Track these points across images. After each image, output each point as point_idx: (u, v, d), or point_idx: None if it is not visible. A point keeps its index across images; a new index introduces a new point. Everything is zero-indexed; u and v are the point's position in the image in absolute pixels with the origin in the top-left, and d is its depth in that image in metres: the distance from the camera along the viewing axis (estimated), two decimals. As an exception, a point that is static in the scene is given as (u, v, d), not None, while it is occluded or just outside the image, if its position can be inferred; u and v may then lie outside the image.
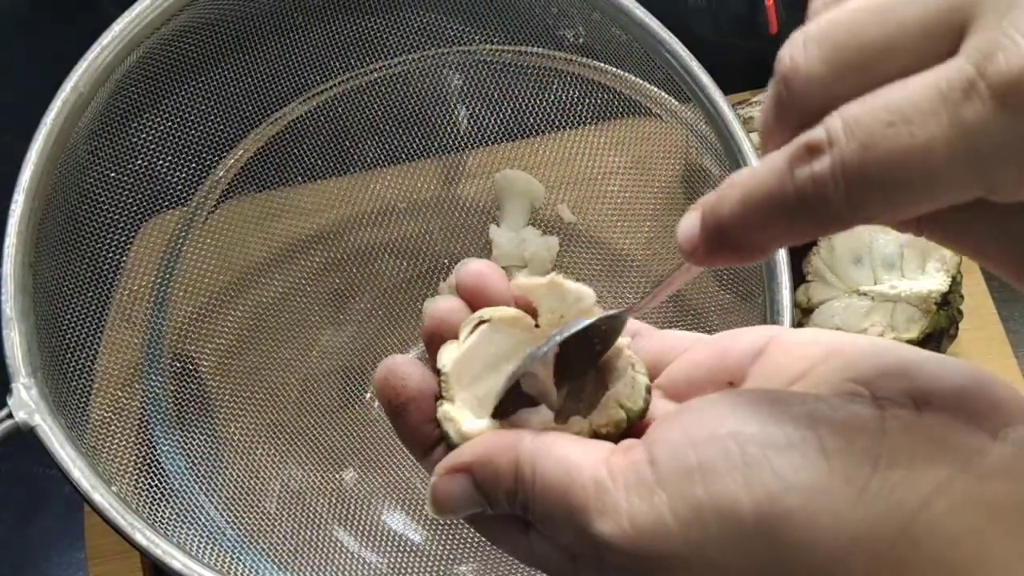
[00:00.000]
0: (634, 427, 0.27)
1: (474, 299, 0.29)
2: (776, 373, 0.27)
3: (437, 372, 0.28)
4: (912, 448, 0.23)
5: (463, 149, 0.64)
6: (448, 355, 0.28)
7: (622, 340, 0.29)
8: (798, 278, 0.61)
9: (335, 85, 0.60)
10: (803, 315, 0.61)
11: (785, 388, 0.26)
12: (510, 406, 0.28)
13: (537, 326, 0.29)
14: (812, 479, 0.23)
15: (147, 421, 0.53)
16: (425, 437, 0.29)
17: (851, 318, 0.58)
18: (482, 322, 0.28)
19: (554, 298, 0.29)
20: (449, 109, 0.63)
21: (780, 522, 0.23)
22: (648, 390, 0.28)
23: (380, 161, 0.63)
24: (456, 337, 0.29)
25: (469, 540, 0.56)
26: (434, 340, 0.29)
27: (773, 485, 0.23)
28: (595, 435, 0.27)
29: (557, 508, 0.25)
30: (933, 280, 0.58)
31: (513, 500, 0.26)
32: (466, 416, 0.28)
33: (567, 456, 0.25)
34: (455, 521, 0.57)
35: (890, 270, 0.59)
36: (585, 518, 0.25)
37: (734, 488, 0.23)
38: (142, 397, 0.54)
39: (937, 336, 0.58)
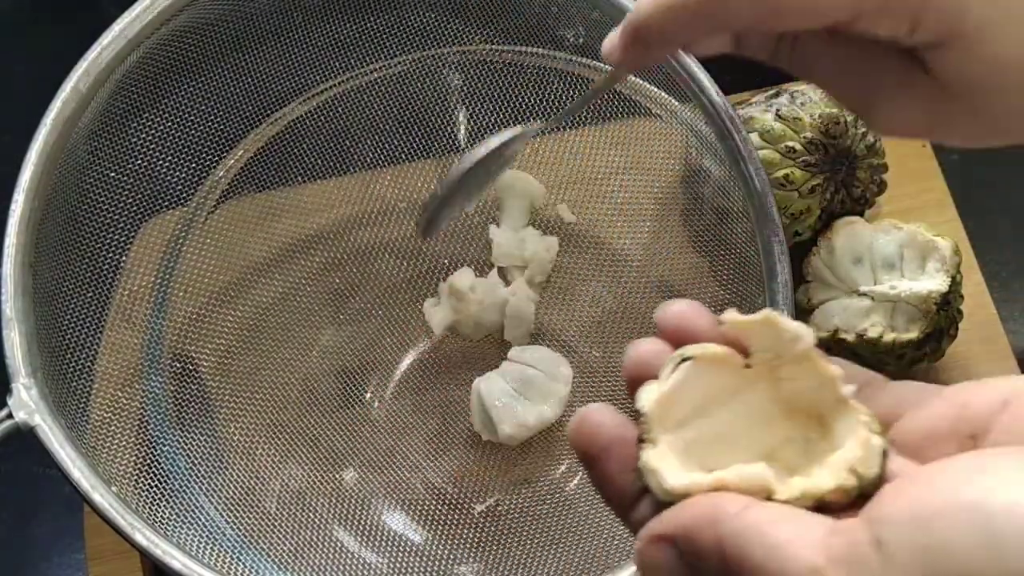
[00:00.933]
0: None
1: (677, 340, 0.27)
2: None
3: (637, 415, 0.26)
4: None
5: (463, 149, 0.64)
6: (648, 395, 0.26)
7: (847, 389, 0.26)
8: (798, 279, 0.61)
9: (335, 85, 0.61)
10: (803, 315, 0.61)
11: None
12: (721, 455, 0.25)
13: (748, 366, 0.27)
14: None
15: (147, 421, 0.53)
16: (624, 488, 0.27)
17: (851, 318, 0.58)
18: (684, 360, 0.26)
19: (768, 336, 0.26)
20: (449, 109, 0.63)
21: None
22: (885, 454, 0.25)
23: (380, 161, 0.63)
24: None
25: (469, 540, 0.57)
26: (636, 384, 0.27)
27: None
28: (817, 503, 0.24)
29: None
30: (933, 280, 0.57)
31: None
32: (670, 466, 0.25)
33: (778, 541, 0.23)
34: (455, 521, 0.57)
35: (890, 270, 0.59)
36: None
37: (982, 568, 0.20)
38: (142, 397, 0.54)
39: (937, 336, 0.58)
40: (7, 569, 0.64)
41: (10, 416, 0.43)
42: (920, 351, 0.57)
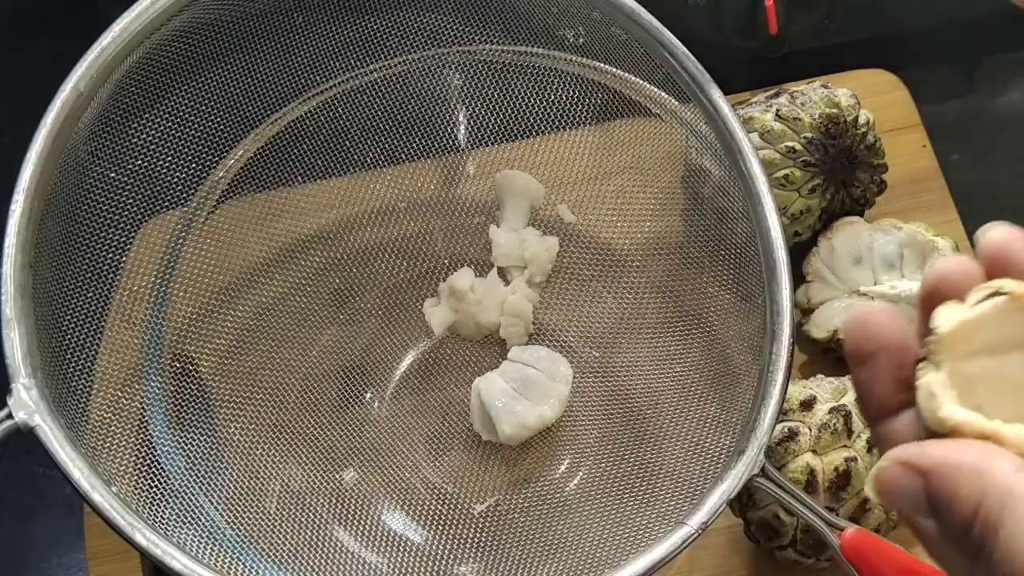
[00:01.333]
0: None
1: (992, 268, 0.25)
2: None
3: (928, 332, 0.24)
4: None
5: (463, 149, 0.64)
6: (948, 316, 0.24)
7: None
8: (798, 279, 0.61)
9: (335, 85, 0.60)
10: (803, 315, 0.61)
11: None
12: (998, 403, 0.24)
13: None
14: None
15: (147, 421, 0.53)
16: (885, 397, 0.26)
17: None
18: (999, 294, 0.24)
19: None
20: (449, 109, 0.63)
21: None
22: None
23: (380, 161, 0.63)
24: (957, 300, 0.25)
25: (469, 540, 0.57)
26: (932, 300, 0.25)
27: None
28: None
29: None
30: None
31: (967, 533, 0.23)
32: (949, 398, 0.24)
33: None
34: (455, 521, 0.57)
35: (890, 270, 0.59)
36: None
37: None
38: (142, 397, 0.54)
39: None
40: (7, 569, 0.64)
41: (10, 416, 0.43)
42: None
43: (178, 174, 0.56)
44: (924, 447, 0.24)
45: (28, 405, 0.43)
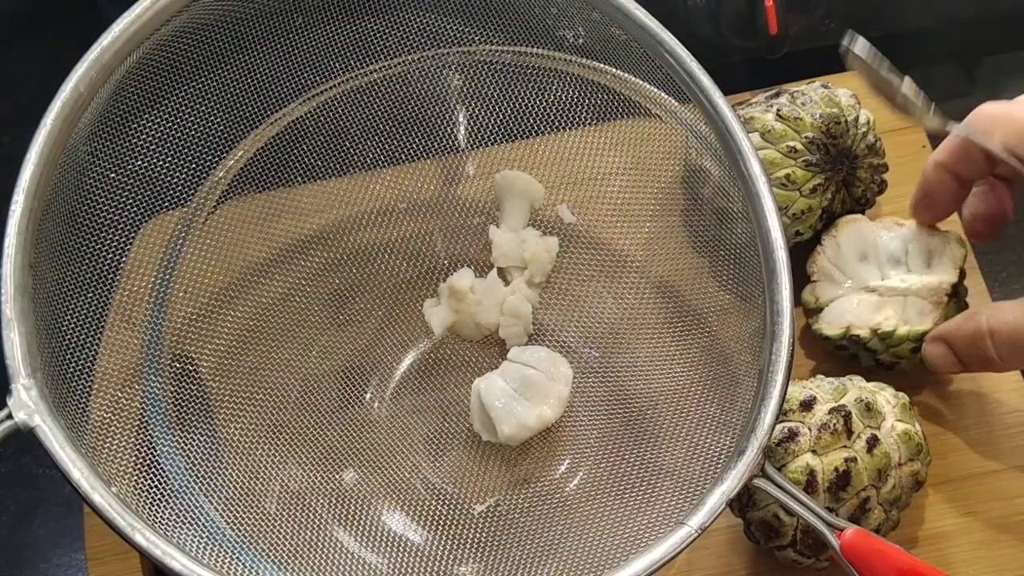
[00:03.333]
0: None
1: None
2: None
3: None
4: None
5: (463, 150, 0.64)
6: None
7: None
8: (803, 279, 0.61)
9: (335, 86, 0.60)
10: (811, 315, 0.61)
11: None
12: None
13: None
14: None
15: (147, 422, 0.53)
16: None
17: (863, 314, 0.58)
18: None
19: None
20: (449, 110, 0.63)
21: None
22: None
23: (380, 162, 0.63)
24: None
25: (469, 541, 0.57)
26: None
27: None
28: None
29: (1015, 335, 0.44)
30: (943, 272, 0.58)
31: (981, 355, 0.47)
32: None
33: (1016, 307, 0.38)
34: (455, 522, 0.57)
35: (896, 266, 0.60)
36: None
37: None
38: (142, 398, 0.54)
39: None
40: (7, 569, 0.64)
41: (10, 417, 0.43)
42: None
43: (178, 174, 0.56)
44: (947, 324, 0.48)
45: (28, 405, 0.43)
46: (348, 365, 0.62)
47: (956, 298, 0.58)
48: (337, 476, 0.58)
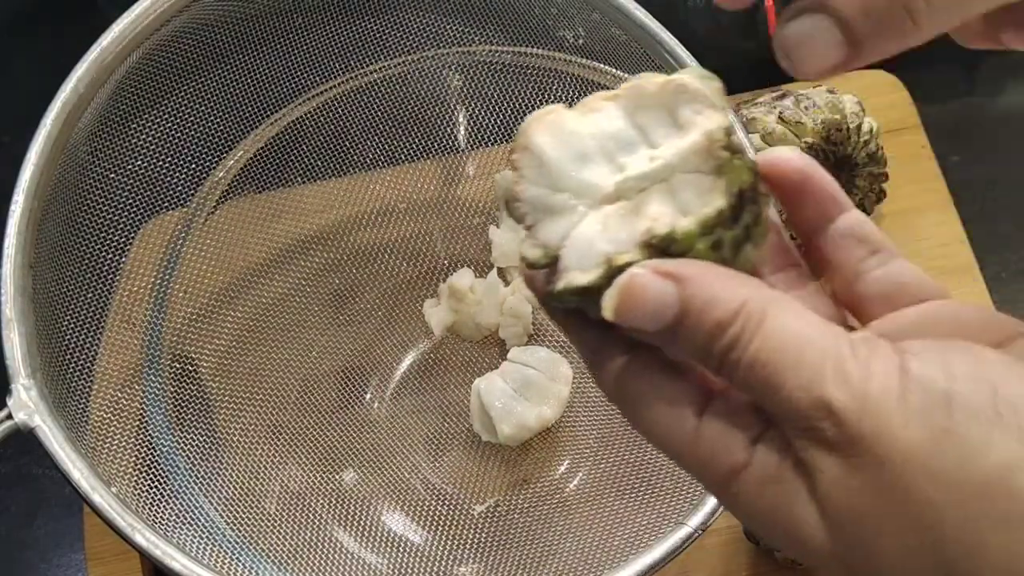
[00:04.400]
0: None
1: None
2: None
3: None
4: None
5: (463, 150, 0.64)
6: None
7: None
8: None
9: (335, 86, 0.61)
10: (549, 279, 0.31)
11: None
12: None
13: None
14: None
15: (147, 422, 0.53)
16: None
17: (619, 230, 0.32)
18: None
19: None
20: (449, 110, 0.63)
21: (1017, 494, 0.21)
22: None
23: (380, 162, 0.63)
24: None
25: (469, 541, 0.57)
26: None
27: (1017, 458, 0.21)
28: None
29: (785, 358, 0.23)
30: (704, 120, 0.34)
31: (715, 339, 0.24)
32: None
33: (806, 316, 0.24)
34: (455, 522, 0.57)
35: (632, 149, 0.36)
36: (818, 377, 0.23)
37: (985, 434, 0.22)
38: (142, 398, 0.54)
39: (751, 194, 0.32)
40: (7, 569, 0.64)
41: (10, 417, 0.43)
42: (747, 224, 0.32)
43: (178, 175, 0.56)
44: (687, 260, 0.25)
45: (28, 406, 0.43)
46: (348, 365, 0.62)
47: (737, 151, 0.38)
48: (337, 476, 0.58)
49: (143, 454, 0.52)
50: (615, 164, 0.31)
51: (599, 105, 0.32)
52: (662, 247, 0.27)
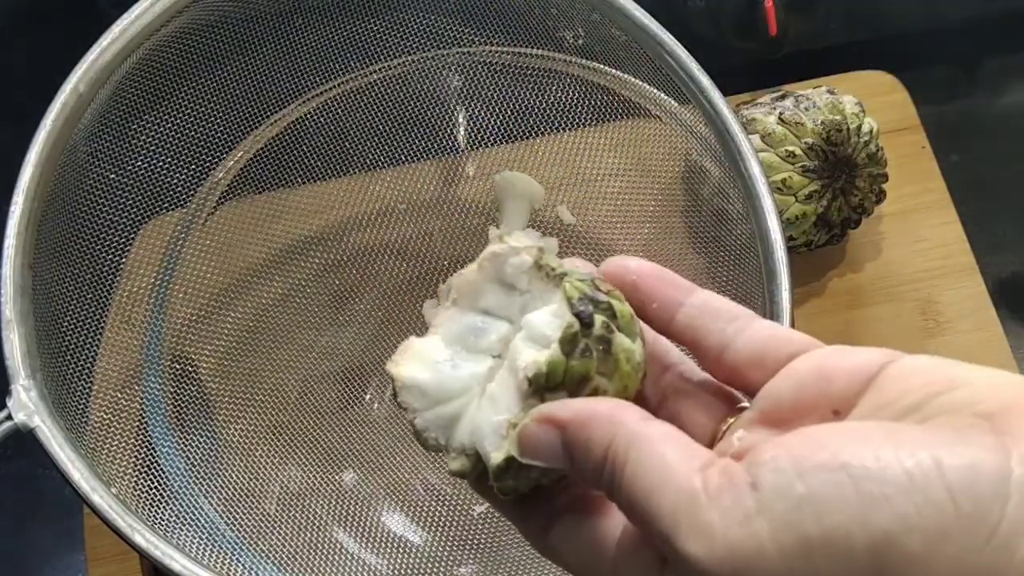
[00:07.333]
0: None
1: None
2: (891, 402, 0.25)
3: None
4: None
5: (463, 151, 0.64)
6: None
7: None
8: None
9: (335, 87, 0.60)
10: (473, 473, 0.31)
11: (901, 418, 0.25)
12: None
13: None
14: (936, 522, 0.21)
15: (147, 423, 0.53)
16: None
17: (505, 397, 0.30)
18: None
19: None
20: (449, 111, 0.63)
21: (897, 564, 0.22)
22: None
23: (380, 163, 0.63)
24: None
25: (470, 542, 0.57)
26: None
27: (893, 526, 0.22)
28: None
29: (648, 509, 0.24)
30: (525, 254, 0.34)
31: (599, 476, 0.25)
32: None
33: (666, 458, 0.24)
34: (454, 523, 0.57)
35: (487, 330, 0.34)
36: (675, 532, 0.23)
37: (848, 525, 0.22)
38: (141, 399, 0.54)
39: (593, 294, 0.30)
40: (7, 570, 0.64)
41: (9, 418, 0.43)
42: (604, 321, 0.29)
43: (178, 175, 0.56)
44: (563, 403, 0.27)
45: (28, 406, 0.43)
46: (348, 366, 0.62)
47: (557, 269, 0.32)
48: (337, 477, 0.58)
49: (143, 455, 0.52)
50: (482, 350, 0.33)
51: (439, 319, 0.36)
52: (546, 387, 0.28)
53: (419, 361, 0.34)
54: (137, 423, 0.53)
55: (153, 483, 0.51)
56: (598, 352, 0.28)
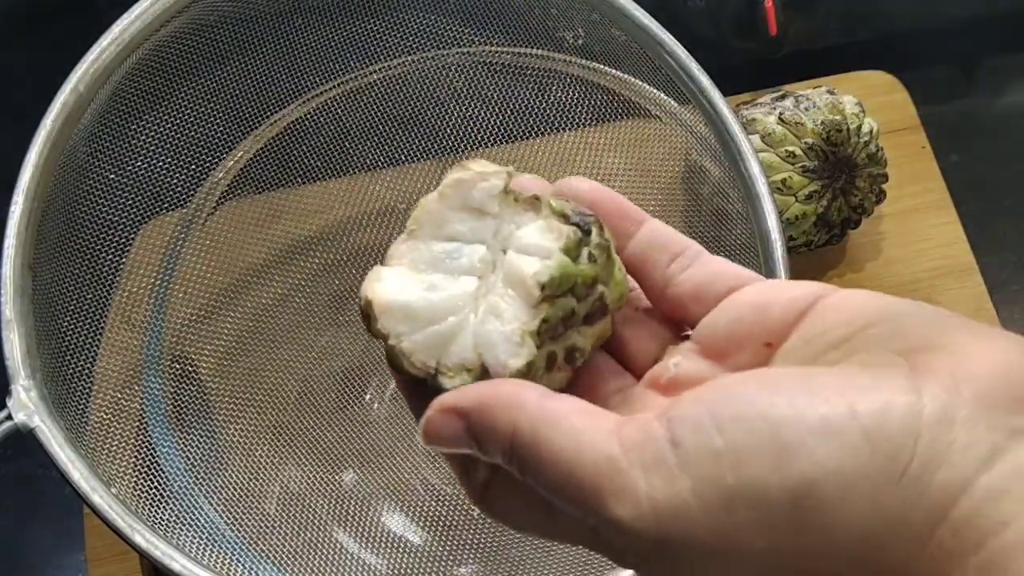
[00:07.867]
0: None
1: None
2: (818, 336, 0.25)
3: None
4: (951, 427, 0.22)
5: (463, 151, 0.64)
6: None
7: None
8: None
9: (335, 87, 0.60)
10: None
11: (825, 352, 0.25)
12: None
13: None
14: (852, 465, 0.22)
15: (147, 423, 0.53)
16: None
17: (511, 307, 0.29)
18: None
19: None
20: (449, 110, 0.63)
21: (815, 509, 0.22)
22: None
23: (380, 163, 0.63)
24: None
25: (469, 542, 0.57)
26: None
27: (810, 473, 0.22)
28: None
29: (568, 484, 0.24)
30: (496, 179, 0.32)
31: (509, 460, 0.25)
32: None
33: (575, 428, 0.24)
34: (454, 523, 0.57)
35: (460, 252, 0.32)
36: (599, 500, 0.23)
37: (766, 474, 0.22)
38: (141, 399, 0.54)
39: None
40: (7, 569, 0.64)
41: (9, 418, 0.43)
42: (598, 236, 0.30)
43: (177, 175, 0.56)
44: (464, 390, 0.26)
45: (28, 406, 0.43)
46: (348, 366, 0.62)
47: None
48: (337, 477, 0.58)
49: (143, 455, 0.52)
50: (462, 271, 0.31)
51: (399, 251, 0.33)
52: (557, 293, 0.27)
53: (396, 285, 0.31)
54: (137, 423, 0.53)
55: (153, 483, 0.51)
56: (601, 258, 0.28)
